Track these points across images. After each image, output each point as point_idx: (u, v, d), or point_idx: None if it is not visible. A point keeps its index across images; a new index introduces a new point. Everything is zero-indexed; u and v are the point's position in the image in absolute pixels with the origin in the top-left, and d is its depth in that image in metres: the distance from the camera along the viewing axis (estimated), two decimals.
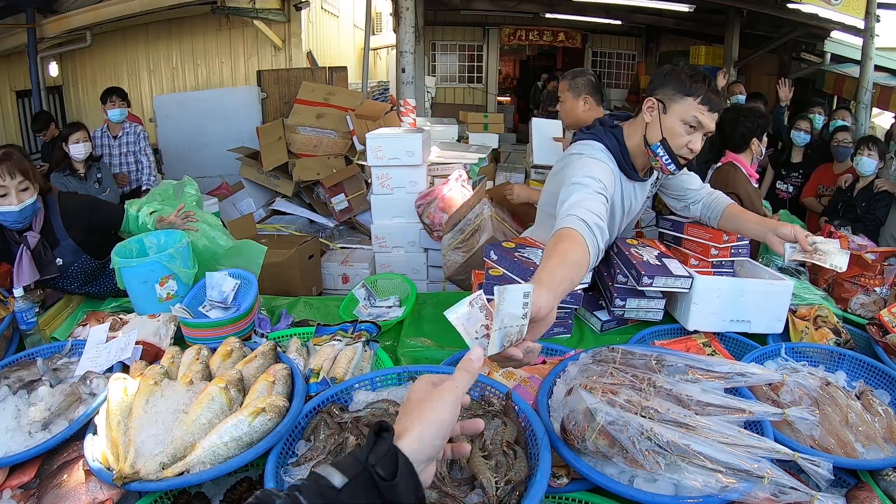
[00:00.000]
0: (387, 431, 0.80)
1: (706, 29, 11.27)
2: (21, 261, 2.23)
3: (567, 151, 2.02)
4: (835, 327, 1.93)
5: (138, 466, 1.24)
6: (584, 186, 1.70)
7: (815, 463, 1.17)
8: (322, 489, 0.74)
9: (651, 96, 1.90)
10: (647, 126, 1.91)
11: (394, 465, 0.77)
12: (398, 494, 0.75)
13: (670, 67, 1.91)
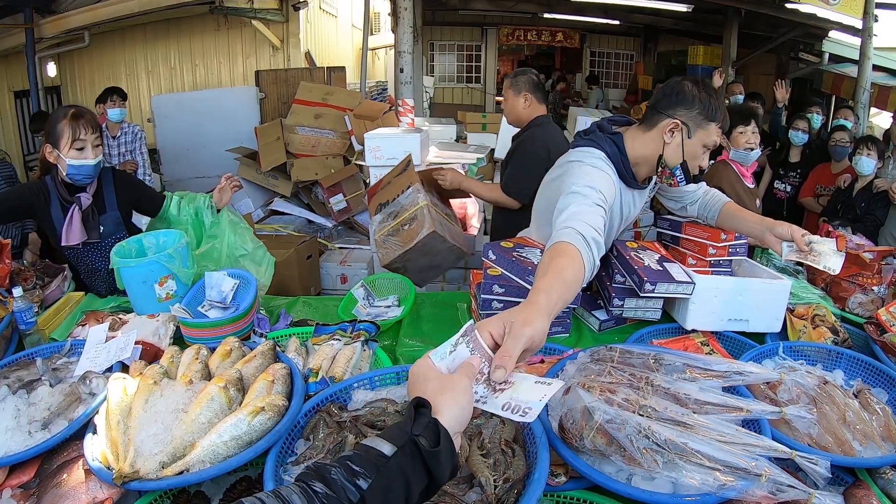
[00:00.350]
0: (424, 406, 0.88)
1: (704, 29, 11.28)
2: (72, 218, 2.36)
3: (565, 158, 1.99)
4: (832, 326, 1.93)
5: (138, 466, 1.25)
6: (583, 196, 1.66)
7: (813, 461, 1.18)
8: (372, 457, 0.81)
9: (673, 118, 1.84)
10: (665, 146, 1.87)
11: (436, 435, 0.85)
12: (440, 462, 0.83)
13: (689, 84, 1.85)
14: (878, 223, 4.18)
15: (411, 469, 0.81)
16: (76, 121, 2.28)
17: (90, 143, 2.30)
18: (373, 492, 0.77)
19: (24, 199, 2.40)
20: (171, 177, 6.91)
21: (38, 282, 2.36)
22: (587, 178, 1.74)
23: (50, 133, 2.31)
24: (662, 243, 2.24)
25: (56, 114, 2.34)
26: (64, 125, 2.27)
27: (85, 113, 2.33)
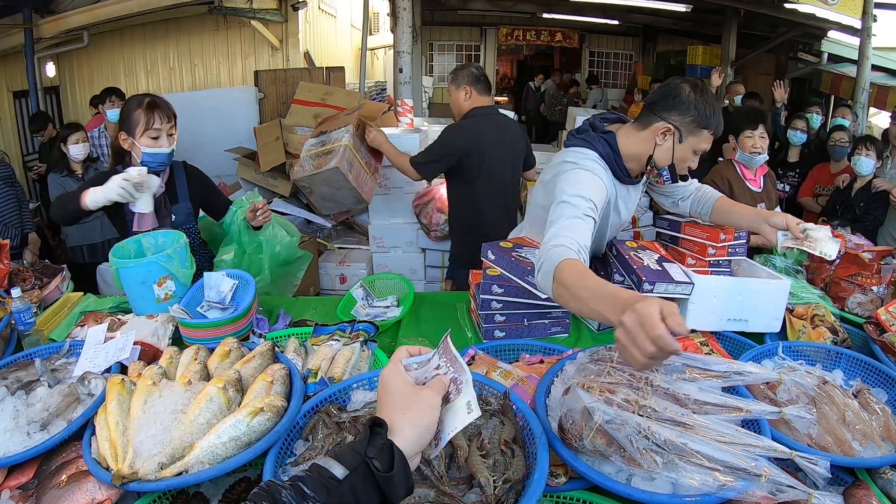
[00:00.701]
0: (380, 426, 0.87)
1: (703, 29, 11.28)
2: None
3: (560, 157, 2.00)
4: (832, 326, 1.94)
5: (137, 467, 1.24)
6: (574, 207, 1.71)
7: (813, 461, 1.18)
8: (324, 480, 0.80)
9: (667, 122, 1.86)
10: (655, 147, 1.90)
11: (390, 459, 0.84)
12: (393, 486, 0.82)
13: (687, 89, 1.86)
14: (878, 223, 4.18)
15: (363, 492, 0.81)
16: (151, 110, 2.30)
17: (165, 132, 2.33)
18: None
19: None
20: None
21: (37, 282, 2.35)
22: (578, 187, 1.78)
23: (124, 121, 2.33)
24: (661, 243, 2.24)
25: (131, 102, 2.37)
26: (139, 114, 2.30)
27: (160, 102, 2.36)
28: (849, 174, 4.45)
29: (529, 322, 2.01)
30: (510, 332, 2.01)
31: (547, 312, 2.01)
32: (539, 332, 2.02)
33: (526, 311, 1.99)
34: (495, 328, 2.01)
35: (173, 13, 7.64)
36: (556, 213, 1.72)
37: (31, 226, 4.53)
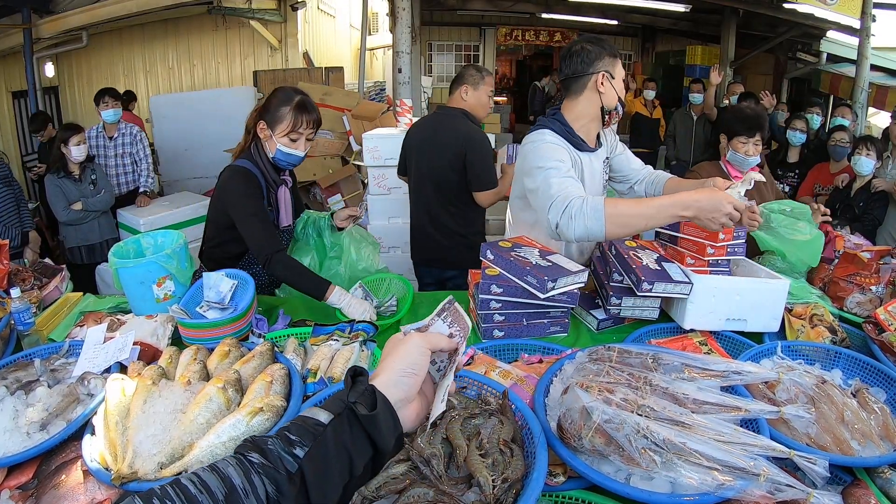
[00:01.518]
0: (361, 375, 0.86)
1: (702, 29, 11.29)
2: (285, 200, 2.44)
3: (522, 146, 2.21)
4: (831, 326, 1.94)
5: (136, 466, 1.25)
6: (556, 170, 1.93)
7: (811, 461, 1.18)
8: (310, 426, 0.79)
9: (596, 72, 2.10)
10: (602, 97, 2.13)
11: (372, 400, 0.82)
12: (379, 426, 0.81)
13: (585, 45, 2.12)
14: (877, 223, 4.19)
15: (350, 437, 0.79)
16: (300, 112, 2.30)
17: (304, 137, 2.33)
18: (310, 460, 0.76)
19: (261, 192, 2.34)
20: (168, 177, 6.90)
21: (36, 282, 2.35)
22: (548, 154, 2.00)
23: (269, 112, 2.30)
24: (661, 243, 2.24)
25: (282, 96, 2.34)
26: (287, 112, 2.29)
27: (310, 106, 2.37)
28: (848, 174, 4.45)
29: (528, 322, 2.01)
30: (509, 331, 2.01)
31: (546, 312, 2.01)
32: (538, 332, 2.03)
33: (525, 310, 2.00)
34: (494, 328, 2.01)
35: (172, 13, 7.65)
36: (543, 178, 1.92)
37: (31, 224, 4.53)
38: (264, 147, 2.35)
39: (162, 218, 4.93)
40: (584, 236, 1.80)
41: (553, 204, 1.82)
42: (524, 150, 2.15)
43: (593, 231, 1.77)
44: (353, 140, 5.58)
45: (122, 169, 5.21)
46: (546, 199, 1.86)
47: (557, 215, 1.80)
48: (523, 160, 2.13)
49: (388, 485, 1.14)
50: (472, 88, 3.21)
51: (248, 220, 2.24)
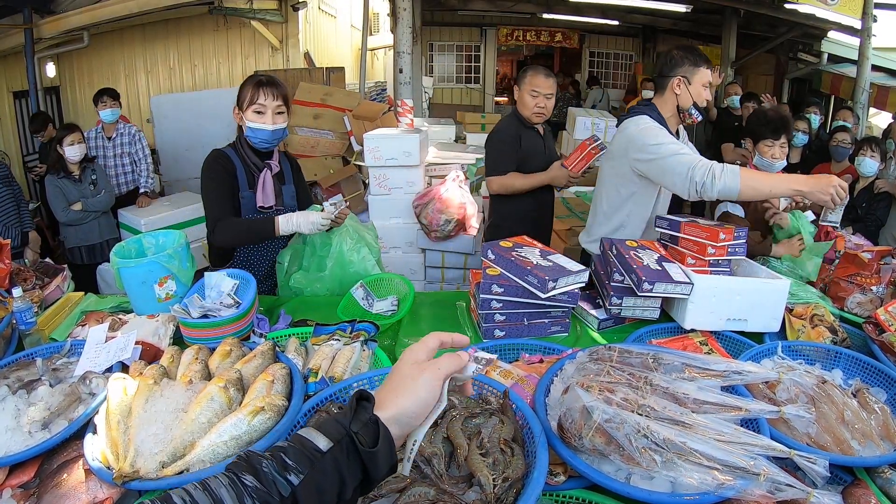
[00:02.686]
0: (367, 400, 0.85)
1: (703, 29, 11.29)
2: (265, 182, 2.46)
3: (623, 129, 2.52)
4: (831, 326, 1.94)
5: (138, 465, 1.25)
6: (676, 144, 2.31)
7: (812, 460, 1.18)
8: (307, 451, 0.78)
9: (674, 77, 2.47)
10: (677, 97, 2.49)
11: (375, 434, 0.81)
12: (377, 463, 0.80)
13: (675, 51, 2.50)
14: (879, 223, 4.19)
15: (346, 466, 0.79)
16: (259, 86, 2.35)
17: (271, 110, 2.36)
18: (305, 487, 0.75)
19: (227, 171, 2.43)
20: (169, 177, 6.91)
21: (38, 282, 2.36)
22: (660, 132, 2.36)
23: (238, 96, 2.40)
24: (661, 243, 2.24)
25: (247, 79, 2.44)
26: (248, 89, 2.37)
27: (270, 80, 2.40)
28: (851, 175, 4.45)
29: (529, 321, 2.02)
30: (510, 331, 2.01)
31: (546, 312, 2.02)
32: (539, 332, 2.03)
33: (526, 310, 2.00)
34: (495, 327, 2.01)
35: (173, 13, 7.65)
36: (667, 150, 2.27)
37: (31, 224, 4.53)
38: (243, 133, 2.44)
39: (163, 218, 4.93)
40: (724, 192, 2.13)
41: (695, 167, 2.15)
42: (627, 132, 2.46)
43: (732, 188, 2.11)
44: (354, 140, 5.58)
45: (122, 169, 5.22)
46: (683, 166, 2.18)
47: (703, 175, 2.13)
48: (629, 141, 2.43)
49: (388, 483, 1.14)
50: (517, 88, 3.34)
51: (204, 194, 2.40)
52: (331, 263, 2.48)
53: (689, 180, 2.16)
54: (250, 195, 2.45)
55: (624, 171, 2.51)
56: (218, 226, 2.36)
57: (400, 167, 4.38)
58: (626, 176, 2.51)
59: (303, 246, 2.52)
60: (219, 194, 2.39)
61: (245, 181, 2.44)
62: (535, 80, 3.27)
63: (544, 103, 3.29)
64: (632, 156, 2.41)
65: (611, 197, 2.66)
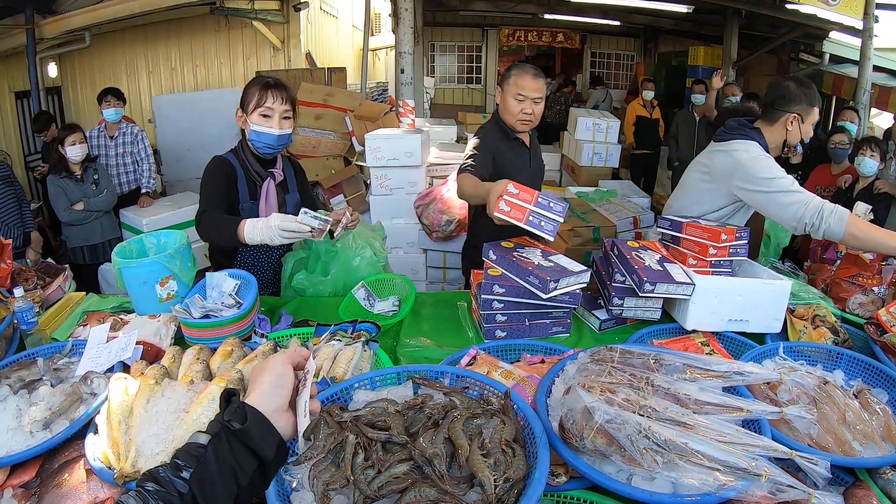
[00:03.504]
0: (234, 395, 0.95)
1: (704, 29, 11.27)
2: (268, 192, 2.39)
3: (729, 147, 2.41)
4: (833, 327, 1.94)
5: (139, 465, 1.25)
6: (788, 179, 2.22)
7: (813, 461, 1.18)
8: (193, 449, 0.88)
9: (790, 113, 2.37)
10: (787, 133, 2.41)
11: (243, 414, 0.91)
12: (253, 437, 0.90)
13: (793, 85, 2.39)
14: (879, 224, 4.18)
15: (230, 452, 0.88)
16: (266, 89, 2.28)
17: (278, 114, 2.29)
18: (196, 480, 0.84)
19: (229, 177, 2.35)
20: (171, 177, 6.91)
21: (39, 282, 2.36)
22: (773, 164, 2.29)
23: (242, 98, 2.33)
24: (663, 243, 2.24)
25: (252, 81, 2.37)
26: (254, 90, 2.29)
27: (278, 83, 2.32)
28: (851, 175, 4.44)
29: (531, 322, 2.02)
30: (511, 331, 2.01)
31: (548, 312, 2.02)
32: (540, 332, 2.03)
33: (527, 310, 2.00)
34: (496, 328, 2.01)
35: (175, 14, 7.65)
36: (779, 185, 2.21)
37: (33, 224, 4.53)
38: (246, 137, 2.36)
39: (165, 218, 4.93)
40: (828, 235, 2.12)
41: (807, 207, 2.13)
42: (737, 156, 2.34)
43: (835, 233, 2.09)
44: (355, 141, 5.59)
45: (123, 168, 5.22)
46: (795, 205, 2.15)
47: (812, 217, 2.11)
48: (736, 167, 2.33)
49: (389, 484, 1.15)
50: (500, 90, 2.80)
51: (200, 191, 2.32)
52: (335, 269, 2.46)
53: (797, 220, 2.16)
54: (252, 206, 2.37)
55: (724, 193, 2.44)
56: (203, 216, 2.24)
57: (401, 167, 4.38)
58: (727, 197, 2.44)
59: (308, 252, 2.51)
60: (214, 190, 2.30)
61: (246, 191, 2.36)
62: (521, 82, 2.67)
63: (531, 109, 2.68)
64: (737, 183, 2.33)
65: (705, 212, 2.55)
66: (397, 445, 1.24)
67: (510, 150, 2.79)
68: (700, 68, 10.68)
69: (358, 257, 2.48)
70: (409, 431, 1.28)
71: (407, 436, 1.25)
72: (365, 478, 1.17)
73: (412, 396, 1.45)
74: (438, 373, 1.53)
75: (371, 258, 2.50)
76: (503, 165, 2.73)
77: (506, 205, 1.92)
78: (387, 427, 1.28)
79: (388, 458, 1.21)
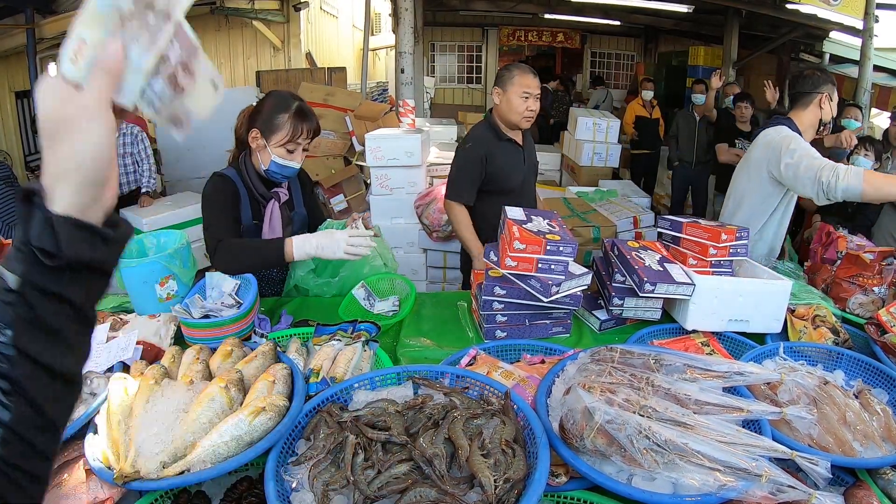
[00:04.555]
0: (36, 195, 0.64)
1: (704, 29, 11.28)
2: (272, 215, 2.30)
3: (763, 139, 2.66)
4: (833, 327, 1.94)
5: (139, 465, 1.25)
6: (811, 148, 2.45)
7: (813, 461, 1.18)
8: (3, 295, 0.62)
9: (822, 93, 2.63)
10: (821, 112, 2.65)
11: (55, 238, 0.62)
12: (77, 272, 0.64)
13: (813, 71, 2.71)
14: (868, 223, 4.18)
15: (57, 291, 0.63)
16: (300, 121, 2.15)
17: (301, 150, 2.19)
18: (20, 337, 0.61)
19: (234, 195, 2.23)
20: (171, 177, 6.92)
21: None
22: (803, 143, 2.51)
23: (264, 119, 2.16)
24: (663, 243, 2.24)
25: (277, 100, 2.18)
26: (285, 120, 2.13)
27: (310, 114, 2.20)
28: None
29: (531, 322, 2.02)
30: (511, 332, 2.01)
31: (548, 313, 2.02)
32: (540, 332, 2.03)
33: (527, 311, 2.00)
34: (496, 328, 2.01)
35: None
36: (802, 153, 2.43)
37: None
38: (256, 157, 2.22)
39: (165, 218, 4.94)
40: (847, 192, 2.26)
41: (823, 168, 2.31)
42: (768, 138, 2.62)
43: (854, 188, 2.24)
44: (355, 140, 5.59)
45: (123, 169, 5.22)
46: (812, 169, 2.34)
47: (829, 176, 2.27)
48: (768, 147, 2.59)
49: (390, 485, 1.15)
50: (501, 91, 2.94)
51: (206, 213, 2.20)
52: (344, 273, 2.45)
53: (816, 182, 2.32)
54: (254, 227, 2.29)
55: (763, 185, 2.65)
56: (220, 247, 2.11)
57: (402, 167, 4.38)
58: (766, 191, 2.66)
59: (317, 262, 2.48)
60: (224, 213, 2.19)
61: (249, 211, 2.27)
62: (525, 80, 2.85)
63: (535, 105, 2.88)
64: (770, 162, 2.56)
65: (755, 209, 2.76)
66: (397, 446, 1.24)
67: (503, 151, 2.93)
68: (700, 68, 10.70)
69: (368, 266, 2.47)
70: (409, 432, 1.28)
71: (407, 436, 1.25)
72: (365, 478, 1.16)
73: (412, 396, 1.45)
74: (438, 373, 1.53)
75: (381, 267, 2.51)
76: (498, 167, 2.88)
77: (512, 260, 1.92)
78: (387, 427, 1.28)
79: (388, 458, 1.21)
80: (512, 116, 2.90)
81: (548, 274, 1.90)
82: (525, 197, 3.11)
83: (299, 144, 2.17)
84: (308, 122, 2.17)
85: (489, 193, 2.96)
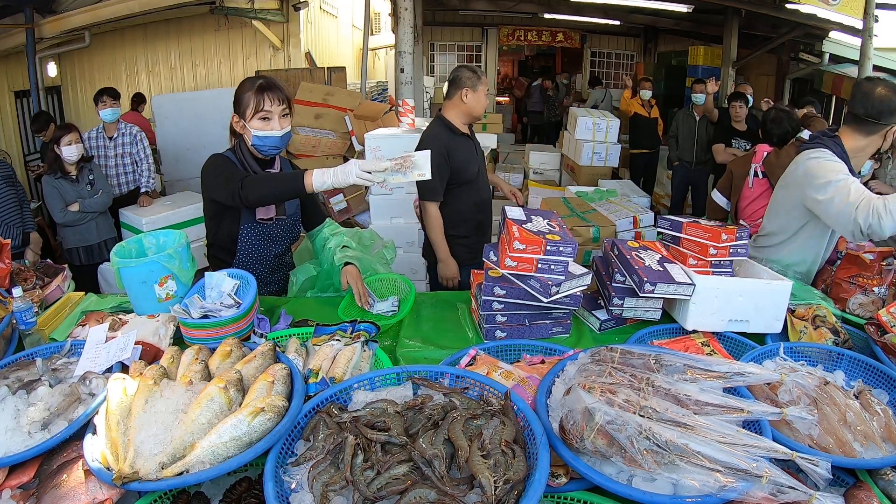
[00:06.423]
0: None
1: (704, 29, 11.27)
2: None
3: (802, 159, 2.40)
4: (833, 327, 1.93)
5: (138, 466, 1.24)
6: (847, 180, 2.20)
7: (814, 462, 1.18)
8: None
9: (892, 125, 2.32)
10: (884, 141, 2.38)
11: None
12: None
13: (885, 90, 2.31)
14: None
15: None
16: (261, 92, 2.25)
17: (277, 115, 2.27)
18: None
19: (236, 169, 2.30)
20: (171, 177, 6.91)
21: (38, 282, 2.36)
22: (835, 167, 2.26)
23: (237, 103, 2.30)
24: (663, 243, 2.24)
25: (243, 84, 2.32)
26: (249, 95, 2.26)
27: (271, 84, 2.29)
28: None
29: (531, 322, 2.01)
30: (511, 332, 2.01)
31: (548, 313, 2.01)
32: (540, 333, 2.02)
33: (527, 311, 1.99)
34: (496, 328, 2.00)
35: (175, 13, 7.66)
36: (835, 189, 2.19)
37: (33, 225, 4.51)
38: (245, 142, 2.35)
39: (164, 217, 4.93)
40: (893, 230, 2.07)
41: (858, 208, 2.09)
42: (806, 163, 2.35)
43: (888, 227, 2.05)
44: (355, 140, 5.59)
45: (122, 169, 5.21)
46: (849, 207, 2.12)
47: (868, 217, 2.07)
48: (805, 174, 2.34)
49: (389, 486, 1.14)
50: (471, 91, 3.17)
51: (213, 179, 2.27)
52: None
53: (853, 224, 2.10)
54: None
55: (797, 203, 2.43)
56: (246, 181, 2.15)
57: None
58: (799, 208, 2.42)
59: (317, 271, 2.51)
60: (231, 170, 2.26)
61: None
62: (485, 80, 3.23)
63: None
64: (805, 191, 2.34)
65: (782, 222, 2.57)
66: (397, 446, 1.24)
67: (460, 145, 3.19)
68: (700, 68, 10.68)
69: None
70: (408, 432, 1.27)
71: (406, 437, 1.25)
72: (364, 479, 1.16)
73: (412, 397, 1.44)
74: (438, 373, 1.53)
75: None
76: (459, 161, 3.16)
77: (511, 260, 1.92)
78: (386, 428, 1.27)
79: (388, 459, 1.20)
80: (479, 111, 3.23)
81: (548, 274, 1.90)
82: (481, 183, 3.36)
83: (271, 111, 2.25)
84: (271, 90, 2.26)
85: (452, 186, 3.20)
